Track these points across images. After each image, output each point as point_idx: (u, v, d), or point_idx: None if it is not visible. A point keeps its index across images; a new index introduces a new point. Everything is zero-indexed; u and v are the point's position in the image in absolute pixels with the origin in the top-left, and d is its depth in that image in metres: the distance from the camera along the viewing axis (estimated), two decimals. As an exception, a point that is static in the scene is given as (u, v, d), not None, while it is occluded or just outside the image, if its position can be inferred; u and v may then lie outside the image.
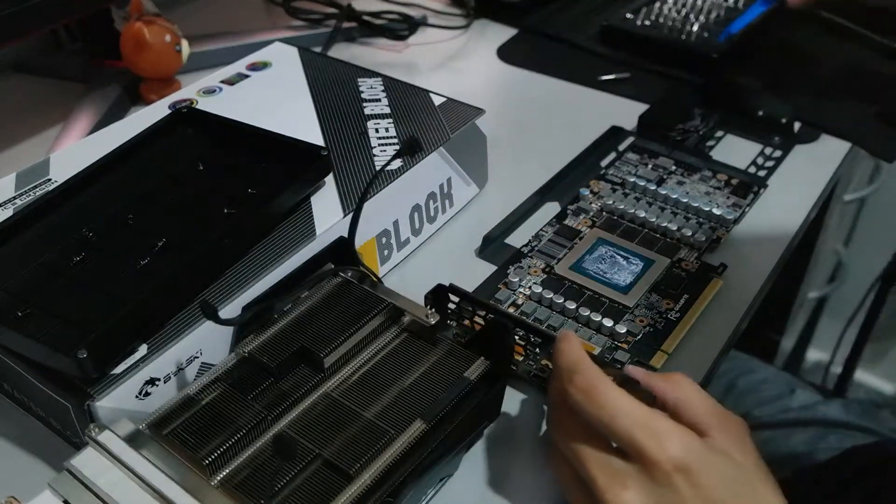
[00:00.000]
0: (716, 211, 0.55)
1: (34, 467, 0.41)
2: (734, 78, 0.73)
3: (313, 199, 0.48)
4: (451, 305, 0.45)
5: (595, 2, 0.88)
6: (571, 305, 0.48)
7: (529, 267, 0.51)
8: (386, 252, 0.52)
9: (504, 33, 0.84)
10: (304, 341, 0.39)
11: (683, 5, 0.83)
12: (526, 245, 0.53)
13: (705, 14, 0.81)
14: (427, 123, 0.55)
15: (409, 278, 0.52)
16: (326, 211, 0.47)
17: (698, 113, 0.66)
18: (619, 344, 0.46)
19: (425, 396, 0.38)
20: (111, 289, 0.40)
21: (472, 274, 0.52)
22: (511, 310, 0.48)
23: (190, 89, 0.60)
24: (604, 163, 0.62)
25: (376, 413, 0.37)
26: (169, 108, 0.57)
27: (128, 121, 0.57)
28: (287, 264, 0.44)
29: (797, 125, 0.66)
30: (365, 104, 0.57)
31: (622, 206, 0.55)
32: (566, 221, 0.55)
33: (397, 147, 0.53)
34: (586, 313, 0.47)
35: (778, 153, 0.63)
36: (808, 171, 0.62)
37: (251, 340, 0.40)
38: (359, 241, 0.47)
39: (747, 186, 0.59)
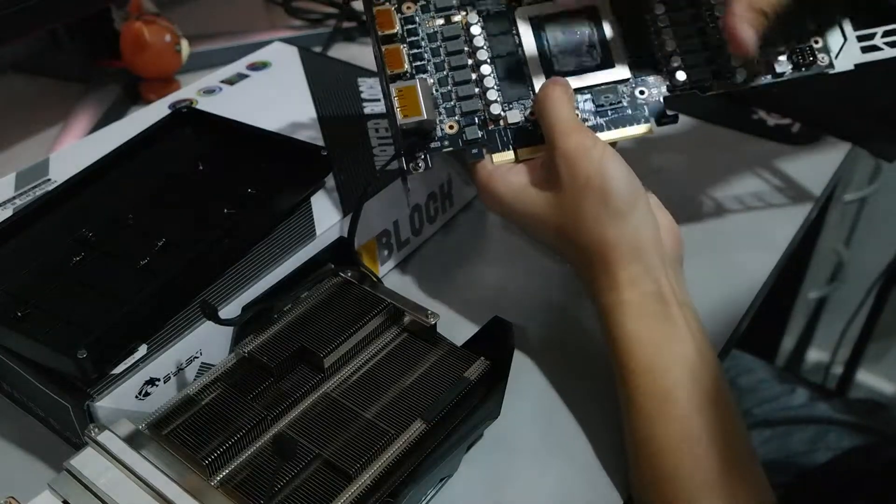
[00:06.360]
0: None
1: (34, 467, 0.41)
2: None
3: (313, 199, 0.48)
4: None
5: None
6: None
7: None
8: (386, 252, 0.52)
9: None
10: (304, 341, 0.39)
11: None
12: None
13: None
14: (427, 123, 0.55)
15: (409, 278, 0.52)
16: (326, 211, 0.47)
17: None
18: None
19: (425, 396, 0.38)
20: (111, 289, 0.40)
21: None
22: None
23: (190, 89, 0.60)
24: None
25: (376, 413, 0.37)
26: (169, 108, 0.57)
27: (128, 121, 0.57)
28: (287, 264, 0.44)
29: (797, 125, 0.65)
30: (365, 104, 0.57)
31: None
32: None
33: (397, 147, 0.53)
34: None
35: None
36: (808, 171, 0.62)
37: (251, 340, 0.40)
38: (359, 241, 0.47)
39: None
